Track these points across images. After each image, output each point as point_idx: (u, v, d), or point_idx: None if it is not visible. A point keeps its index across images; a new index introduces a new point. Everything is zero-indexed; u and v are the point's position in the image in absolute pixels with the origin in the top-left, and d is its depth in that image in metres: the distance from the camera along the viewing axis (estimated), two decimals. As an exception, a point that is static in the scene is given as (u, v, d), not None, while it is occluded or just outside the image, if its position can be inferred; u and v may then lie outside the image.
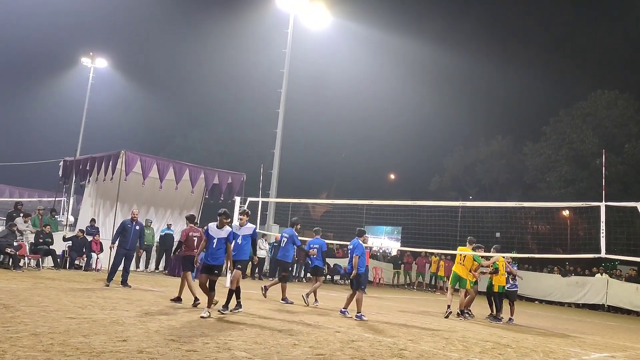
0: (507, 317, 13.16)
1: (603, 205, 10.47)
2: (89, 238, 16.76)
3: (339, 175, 49.08)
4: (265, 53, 37.46)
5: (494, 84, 42.62)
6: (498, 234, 24.67)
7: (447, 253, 20.48)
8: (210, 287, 9.06)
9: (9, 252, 14.12)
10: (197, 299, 10.16)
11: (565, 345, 9.60)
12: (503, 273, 13.05)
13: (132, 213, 13.22)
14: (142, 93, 51.03)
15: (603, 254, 10.47)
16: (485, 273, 13.06)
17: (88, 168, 18.60)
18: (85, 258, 16.43)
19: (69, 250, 16.37)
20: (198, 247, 10.53)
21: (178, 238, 13.51)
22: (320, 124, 45.18)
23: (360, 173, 46.32)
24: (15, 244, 14.47)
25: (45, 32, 49.44)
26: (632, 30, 37.73)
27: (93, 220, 17.83)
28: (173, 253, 14.04)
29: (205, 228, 9.44)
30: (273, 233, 23.41)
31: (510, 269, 13.26)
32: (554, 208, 26.20)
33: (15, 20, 46.37)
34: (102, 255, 16.57)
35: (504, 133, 39.71)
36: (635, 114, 32.24)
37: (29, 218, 16.14)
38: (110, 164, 17.43)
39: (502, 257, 13.01)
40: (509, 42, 46.33)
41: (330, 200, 28.15)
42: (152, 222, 18.59)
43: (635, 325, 16.26)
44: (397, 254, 25.72)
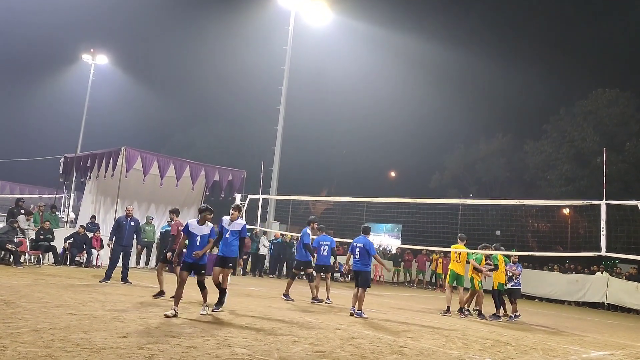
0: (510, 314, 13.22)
1: (603, 204, 10.46)
2: (90, 235, 16.78)
3: (340, 173, 49.12)
4: (266, 50, 37.47)
5: (495, 82, 42.63)
6: (498, 232, 24.68)
7: (447, 251, 20.47)
8: (201, 285, 8.72)
9: (10, 248, 14.14)
10: (162, 291, 10.46)
11: (565, 343, 9.61)
12: (502, 270, 13.05)
13: (126, 209, 13.24)
14: (142, 90, 51.10)
15: (603, 252, 10.47)
16: (486, 270, 13.05)
17: (89, 164, 18.61)
18: (86, 254, 16.46)
19: (70, 247, 16.40)
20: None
21: None
22: (321, 121, 45.23)
23: (361, 170, 46.33)
24: (16, 241, 14.50)
25: (46, 28, 49.44)
26: (633, 29, 37.70)
27: (94, 217, 17.85)
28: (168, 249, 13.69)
29: (185, 225, 8.89)
30: (273, 230, 23.44)
31: (511, 271, 13.25)
32: (555, 206, 26.15)
33: (17, 17, 46.38)
34: (102, 252, 16.58)
35: (505, 131, 39.74)
36: (636, 113, 32.23)
37: (31, 216, 16.17)
38: (111, 161, 17.44)
39: (500, 254, 12.99)
40: (510, 40, 46.35)
41: (331, 198, 28.12)
42: (152, 219, 18.59)
43: (635, 324, 16.27)
44: (397, 252, 25.74)
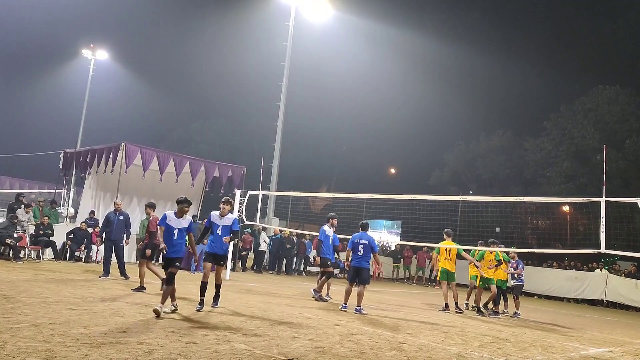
0: (512, 311, 13.25)
1: (603, 201, 10.46)
2: (90, 230, 16.78)
3: (339, 169, 49.07)
4: (266, 46, 37.44)
5: (495, 79, 42.53)
6: (498, 229, 24.68)
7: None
8: (169, 280, 8.07)
9: (9, 243, 14.15)
10: (143, 287, 10.52)
11: (564, 340, 9.63)
12: (503, 267, 13.07)
13: (115, 204, 13.28)
14: (142, 85, 51.00)
15: (603, 250, 10.48)
16: (491, 268, 13.06)
17: (88, 160, 18.59)
18: (85, 250, 16.47)
19: (70, 242, 16.40)
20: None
21: None
22: (321, 118, 45.13)
23: (361, 167, 46.30)
24: (16, 236, 14.50)
25: (46, 24, 49.33)
26: (634, 26, 37.56)
27: (92, 212, 17.83)
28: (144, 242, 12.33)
29: (162, 217, 8.59)
30: (273, 226, 23.45)
31: (513, 271, 13.27)
32: (554, 203, 26.21)
33: (16, 12, 46.25)
34: (101, 247, 16.57)
35: (505, 128, 39.64)
36: (637, 110, 32.16)
37: (30, 209, 16.15)
38: (111, 156, 17.43)
39: (498, 251, 12.99)
40: (511, 36, 46.14)
41: (331, 194, 28.15)
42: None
43: (634, 321, 16.30)
44: (396, 248, 25.78)
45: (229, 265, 15.74)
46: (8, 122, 52.35)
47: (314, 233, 19.26)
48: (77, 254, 16.59)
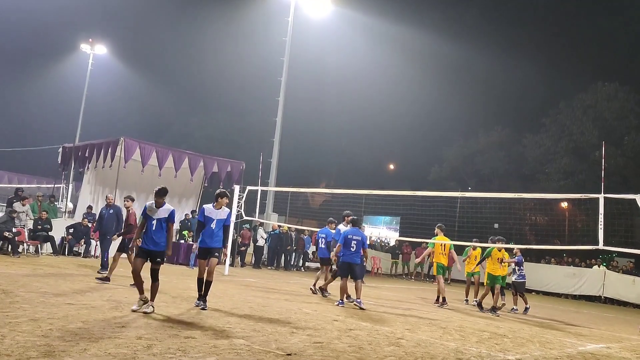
0: (510, 306, 13.29)
1: (602, 197, 10.48)
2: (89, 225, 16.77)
3: (338, 165, 49.04)
4: (266, 41, 37.33)
5: (494, 75, 42.50)
6: (496, 225, 24.71)
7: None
8: (154, 276, 7.67)
9: (7, 235, 14.12)
10: (107, 278, 10.43)
11: (562, 336, 9.66)
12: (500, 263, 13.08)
13: (106, 198, 13.31)
14: (141, 80, 50.86)
15: (601, 246, 10.49)
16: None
17: (87, 155, 18.57)
18: (84, 245, 16.46)
19: (70, 237, 16.39)
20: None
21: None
22: (320, 113, 45.10)
23: (360, 163, 46.27)
24: (15, 230, 14.48)
25: (45, 18, 49.09)
26: (633, 23, 37.55)
27: (90, 207, 17.81)
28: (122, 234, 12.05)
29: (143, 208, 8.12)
30: (271, 222, 23.46)
31: (508, 260, 13.29)
32: (553, 199, 26.20)
33: (15, 6, 46.04)
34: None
35: (504, 124, 39.66)
36: (636, 107, 32.19)
37: (26, 201, 16.09)
38: (110, 151, 17.40)
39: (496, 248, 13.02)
40: (510, 32, 46.09)
41: (329, 190, 28.16)
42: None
43: (632, 317, 16.34)
44: (395, 244, 25.79)
45: (228, 261, 15.75)
46: (7, 116, 52.22)
47: (313, 229, 19.29)
48: (75, 249, 16.58)
